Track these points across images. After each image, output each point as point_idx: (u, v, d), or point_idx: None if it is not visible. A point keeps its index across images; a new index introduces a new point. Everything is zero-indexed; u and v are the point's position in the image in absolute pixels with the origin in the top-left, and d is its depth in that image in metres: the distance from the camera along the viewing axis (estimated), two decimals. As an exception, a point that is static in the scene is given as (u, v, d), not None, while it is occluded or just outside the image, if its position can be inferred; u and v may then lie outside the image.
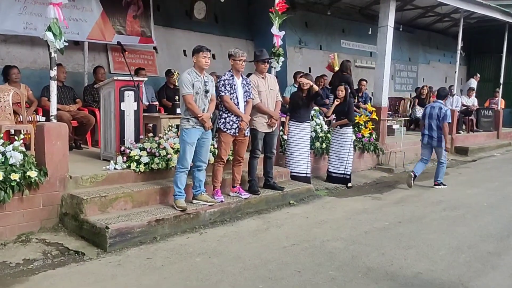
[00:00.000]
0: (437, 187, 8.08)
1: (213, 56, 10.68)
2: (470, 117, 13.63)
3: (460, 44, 12.33)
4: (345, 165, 7.85)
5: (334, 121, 7.97)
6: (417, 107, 12.52)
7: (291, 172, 7.29)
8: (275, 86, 6.51)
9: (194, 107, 5.26)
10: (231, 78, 5.80)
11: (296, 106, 7.21)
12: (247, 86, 5.96)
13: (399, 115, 12.42)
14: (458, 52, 12.40)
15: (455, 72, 12.54)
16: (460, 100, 13.04)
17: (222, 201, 5.77)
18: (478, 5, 11.85)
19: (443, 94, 8.22)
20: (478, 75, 15.19)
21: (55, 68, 5.14)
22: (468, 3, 11.49)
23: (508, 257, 4.73)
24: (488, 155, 12.27)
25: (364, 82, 10.88)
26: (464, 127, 13.44)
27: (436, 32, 16.67)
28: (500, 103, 14.28)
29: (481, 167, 10.61)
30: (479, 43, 17.28)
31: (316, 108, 8.53)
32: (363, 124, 9.08)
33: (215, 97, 5.63)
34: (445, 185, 8.14)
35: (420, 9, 13.64)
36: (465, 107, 13.36)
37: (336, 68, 10.24)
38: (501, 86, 14.50)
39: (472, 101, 13.74)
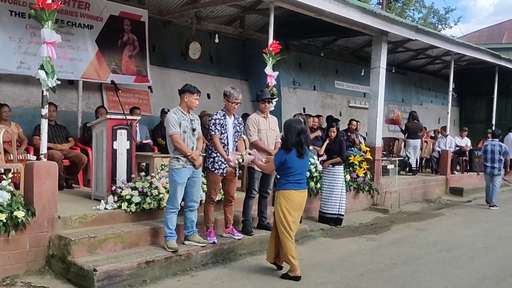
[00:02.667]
0: (492, 208, 10.05)
1: (208, 96, 10.79)
2: (464, 158, 13.67)
3: (451, 85, 12.55)
4: (339, 205, 7.78)
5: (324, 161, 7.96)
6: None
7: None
8: (275, 127, 6.52)
9: (182, 146, 5.22)
10: (223, 118, 5.79)
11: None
12: (239, 126, 5.96)
13: (393, 155, 12.43)
14: (450, 93, 12.60)
15: (448, 113, 12.69)
16: (454, 141, 13.10)
17: (214, 242, 5.64)
18: (468, 48, 12.12)
19: (497, 134, 10.66)
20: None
21: (47, 106, 5.11)
22: (458, 46, 11.76)
23: (507, 301, 4.62)
24: (483, 196, 12.16)
25: (354, 122, 11.03)
26: (458, 167, 13.45)
27: (428, 74, 16.99)
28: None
29: (476, 207, 10.55)
30: (471, 84, 17.61)
31: (310, 148, 8.52)
32: (357, 164, 9.06)
33: (202, 135, 5.61)
34: (497, 206, 10.21)
35: (412, 52, 13.93)
36: (458, 148, 13.41)
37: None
38: (493, 127, 14.61)
39: (465, 142, 13.81)
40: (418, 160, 12.26)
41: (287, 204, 5.00)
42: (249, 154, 5.52)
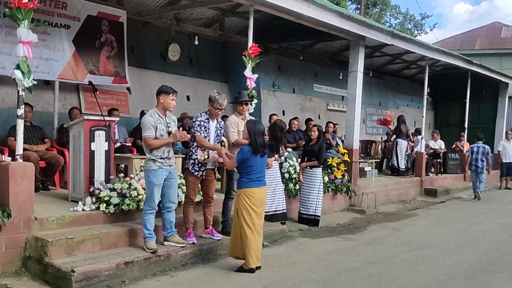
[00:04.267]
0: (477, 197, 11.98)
1: (187, 98, 10.79)
2: (438, 160, 13.95)
3: (426, 90, 12.80)
4: (315, 206, 7.86)
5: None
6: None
7: (265, 212, 7.22)
8: None
9: (155, 142, 5.22)
10: (206, 120, 5.81)
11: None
12: (220, 130, 6.00)
13: (370, 158, 12.62)
14: (425, 97, 12.85)
15: (423, 116, 12.94)
16: (425, 142, 13.35)
17: (194, 243, 5.66)
18: (442, 53, 12.39)
19: (481, 138, 12.53)
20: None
21: (23, 106, 5.05)
22: (433, 51, 12.01)
23: (477, 297, 4.77)
24: (456, 197, 12.56)
25: (331, 124, 11.24)
26: (432, 169, 13.72)
27: (404, 78, 17.32)
28: (466, 147, 14.70)
29: (449, 208, 10.81)
30: (445, 89, 18.05)
31: (290, 149, 8.61)
32: (335, 166, 9.18)
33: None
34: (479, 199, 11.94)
35: (388, 56, 14.18)
36: (432, 150, 13.68)
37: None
38: (466, 130, 14.99)
39: (439, 144, 14.10)
40: (405, 162, 12.46)
41: (250, 201, 5.19)
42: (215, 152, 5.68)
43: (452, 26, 60.81)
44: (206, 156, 5.66)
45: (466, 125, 15.02)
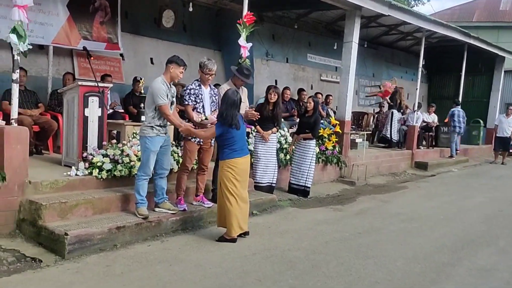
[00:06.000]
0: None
1: (180, 65, 10.69)
2: (430, 133, 14.08)
3: (421, 62, 12.78)
4: (306, 177, 7.96)
5: (296, 136, 8.09)
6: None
7: (254, 182, 7.34)
8: (245, 99, 6.63)
9: (173, 117, 5.30)
10: (198, 87, 5.82)
11: (263, 118, 7.30)
12: (214, 97, 5.99)
13: (362, 129, 12.70)
14: (420, 69, 12.83)
15: (417, 89, 12.96)
16: (421, 117, 13.47)
17: (185, 210, 5.76)
18: (439, 25, 12.32)
19: (459, 103, 14.34)
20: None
21: (18, 71, 5.06)
22: (430, 23, 11.94)
23: (461, 268, 4.91)
24: (447, 171, 12.69)
25: (320, 95, 11.35)
26: (424, 142, 13.86)
27: (399, 50, 17.20)
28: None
29: (439, 181, 10.95)
30: (440, 62, 17.95)
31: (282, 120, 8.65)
32: (327, 137, 9.25)
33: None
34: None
35: (385, 27, 14.06)
36: (425, 124, 13.78)
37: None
38: (459, 104, 15.04)
39: (432, 118, 14.20)
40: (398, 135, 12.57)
41: (233, 172, 5.21)
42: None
43: (450, -3, 59.96)
44: (204, 118, 5.66)
45: (460, 99, 15.07)
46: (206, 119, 5.69)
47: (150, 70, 9.96)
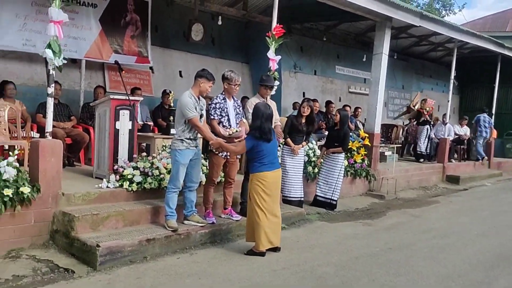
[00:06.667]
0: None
1: (208, 78, 10.79)
2: (462, 146, 13.77)
3: (453, 73, 12.54)
4: (333, 190, 7.88)
5: (324, 149, 8.02)
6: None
7: (283, 196, 7.30)
8: (275, 112, 6.59)
9: (204, 129, 5.32)
10: (223, 101, 5.84)
11: (294, 131, 7.28)
12: (238, 108, 6.02)
13: (391, 142, 12.53)
14: (451, 81, 12.60)
15: (448, 101, 12.72)
16: (453, 129, 13.19)
17: (213, 223, 5.76)
18: (471, 36, 12.08)
19: (486, 110, 14.31)
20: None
21: (53, 85, 5.19)
22: (462, 34, 11.72)
23: (498, 286, 4.75)
24: (479, 184, 12.37)
25: (348, 108, 11.23)
26: (456, 156, 13.56)
27: (429, 61, 16.96)
28: (492, 133, 14.45)
29: (472, 196, 10.67)
30: (472, 73, 17.53)
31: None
32: (355, 150, 9.15)
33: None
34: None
35: (415, 38, 13.89)
36: (457, 136, 13.49)
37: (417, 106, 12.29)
38: (493, 117, 14.68)
39: (465, 131, 13.89)
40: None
41: (262, 186, 5.19)
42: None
43: (482, 6, 58.92)
44: (234, 130, 5.66)
45: (494, 111, 14.71)
46: (237, 131, 5.67)
47: (179, 83, 10.09)
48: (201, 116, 5.45)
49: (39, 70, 7.92)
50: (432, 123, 12.59)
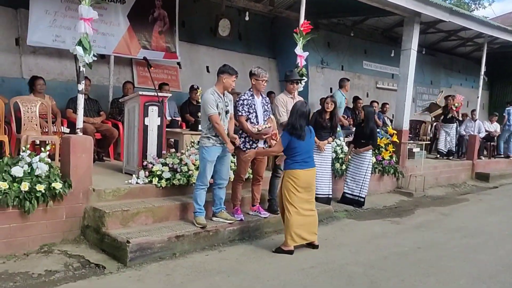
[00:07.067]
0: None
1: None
2: (492, 143, 13.45)
3: (483, 69, 12.25)
4: (361, 187, 7.81)
5: (352, 146, 7.93)
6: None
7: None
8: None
9: (221, 129, 5.29)
10: (251, 97, 5.80)
11: (318, 127, 7.22)
12: (267, 105, 5.99)
13: (419, 139, 12.32)
14: (481, 77, 12.30)
15: (478, 97, 12.42)
16: (483, 126, 12.90)
17: (242, 220, 5.76)
18: (502, 31, 11.77)
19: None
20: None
21: (83, 81, 5.24)
22: (492, 29, 11.43)
23: (532, 290, 4.64)
24: (510, 182, 12.07)
25: (376, 104, 11.18)
26: (485, 152, 13.26)
27: (458, 56, 16.60)
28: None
29: (502, 194, 10.43)
30: (502, 68, 17.07)
31: (338, 129, 8.52)
32: (383, 146, 9.03)
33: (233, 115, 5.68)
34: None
35: (444, 33, 13.59)
36: (487, 133, 13.19)
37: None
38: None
39: (495, 127, 13.57)
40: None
41: (293, 183, 5.22)
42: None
43: (512, -1, 57.37)
44: (264, 126, 5.68)
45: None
46: (265, 127, 5.67)
47: (206, 78, 10.10)
48: (227, 112, 5.44)
49: (68, 65, 8.03)
50: (461, 119, 12.32)
